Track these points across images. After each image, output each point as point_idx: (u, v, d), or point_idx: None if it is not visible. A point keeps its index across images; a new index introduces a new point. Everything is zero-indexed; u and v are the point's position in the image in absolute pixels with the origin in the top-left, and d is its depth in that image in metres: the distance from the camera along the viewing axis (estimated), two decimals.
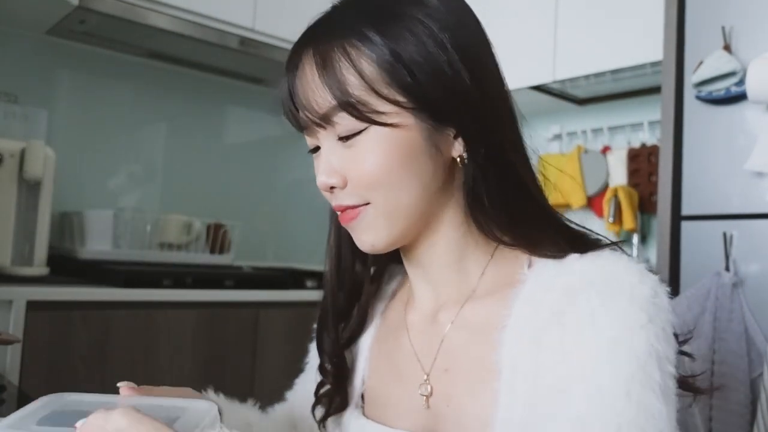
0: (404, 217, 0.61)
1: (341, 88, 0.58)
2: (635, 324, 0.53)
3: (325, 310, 0.74)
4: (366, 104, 0.58)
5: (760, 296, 1.39)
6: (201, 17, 2.04)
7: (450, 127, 0.61)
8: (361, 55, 0.59)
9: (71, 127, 2.18)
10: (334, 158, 0.62)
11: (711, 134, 1.51)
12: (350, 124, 0.59)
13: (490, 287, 0.64)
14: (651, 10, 1.89)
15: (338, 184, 0.62)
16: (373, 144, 0.59)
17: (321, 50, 0.60)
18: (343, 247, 0.72)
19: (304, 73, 0.61)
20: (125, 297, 1.64)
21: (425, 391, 0.65)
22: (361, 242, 0.64)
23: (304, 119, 0.62)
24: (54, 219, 1.94)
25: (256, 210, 2.58)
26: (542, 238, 0.62)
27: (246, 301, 1.86)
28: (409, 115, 0.59)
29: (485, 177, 0.61)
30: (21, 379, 1.46)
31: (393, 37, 0.58)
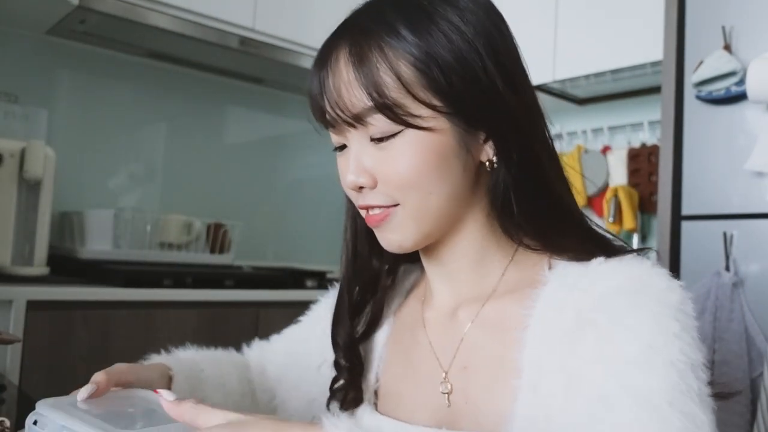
0: (433, 218, 0.62)
1: (378, 90, 0.58)
2: (669, 332, 0.52)
3: (340, 304, 0.74)
4: (402, 107, 0.58)
5: (760, 296, 1.39)
6: (201, 17, 2.04)
7: (481, 131, 0.61)
8: (398, 56, 0.58)
9: (71, 127, 2.18)
10: (365, 158, 0.61)
11: (711, 134, 1.51)
12: (385, 126, 0.59)
13: (511, 287, 0.64)
14: (651, 10, 1.89)
15: (368, 185, 0.62)
16: (407, 147, 0.59)
17: (357, 48, 0.59)
18: (359, 242, 0.72)
19: (339, 70, 0.60)
20: (125, 297, 1.64)
21: (445, 388, 0.65)
22: (389, 241, 0.64)
23: (334, 117, 0.61)
24: (54, 219, 1.94)
25: (256, 210, 2.58)
26: (566, 241, 0.63)
27: (246, 301, 1.86)
28: (444, 119, 0.59)
29: (514, 181, 0.61)
30: (21, 379, 1.46)
31: (429, 40, 0.58)
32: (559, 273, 0.61)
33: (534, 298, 0.60)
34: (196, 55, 2.27)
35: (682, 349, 0.51)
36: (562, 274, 0.61)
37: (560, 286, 0.60)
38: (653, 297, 0.54)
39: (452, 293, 0.68)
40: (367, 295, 0.74)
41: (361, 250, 0.72)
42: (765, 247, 1.41)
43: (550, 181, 0.63)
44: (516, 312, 0.61)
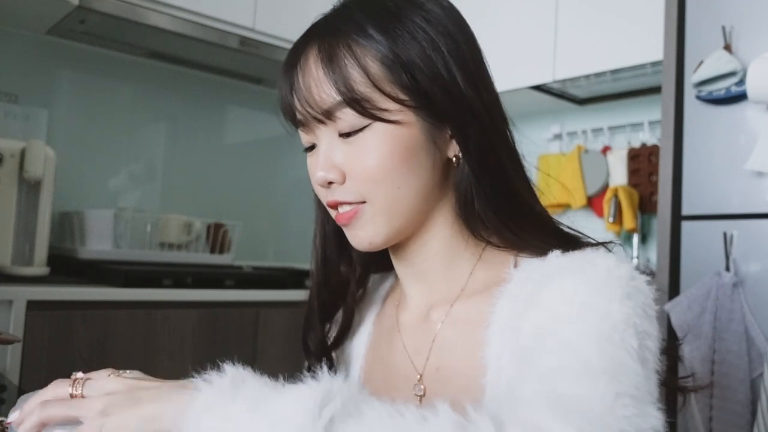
0: (402, 214, 0.62)
1: (346, 84, 0.59)
2: (612, 297, 0.53)
3: (310, 310, 0.75)
4: (370, 101, 0.59)
5: (760, 296, 1.39)
6: (201, 17, 2.04)
7: (446, 126, 0.63)
8: (366, 53, 0.60)
9: (71, 127, 2.18)
10: (334, 154, 0.62)
11: (711, 134, 1.51)
12: (353, 121, 0.60)
13: (479, 286, 0.65)
14: (651, 10, 1.89)
15: (337, 180, 0.62)
16: (376, 140, 0.60)
17: (326, 46, 0.61)
18: (328, 247, 0.74)
19: (308, 68, 0.62)
20: (125, 297, 1.64)
21: (419, 390, 0.65)
22: (359, 239, 0.64)
23: (304, 114, 0.63)
24: (54, 219, 1.94)
25: (256, 210, 2.58)
26: (531, 239, 0.63)
27: (246, 301, 1.86)
28: (411, 113, 0.61)
29: (477, 178, 0.62)
30: (21, 379, 1.46)
31: (395, 38, 0.60)
32: (522, 269, 0.62)
33: (497, 295, 0.62)
34: (196, 55, 2.27)
35: (625, 312, 0.52)
36: (524, 271, 0.62)
37: (519, 281, 0.61)
38: (599, 272, 0.55)
39: (424, 294, 0.69)
40: (336, 300, 0.75)
41: (330, 256, 0.74)
42: (765, 247, 1.41)
43: (510, 179, 0.64)
44: (481, 310, 0.62)
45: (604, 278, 0.55)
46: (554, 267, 0.59)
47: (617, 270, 0.56)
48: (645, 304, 0.55)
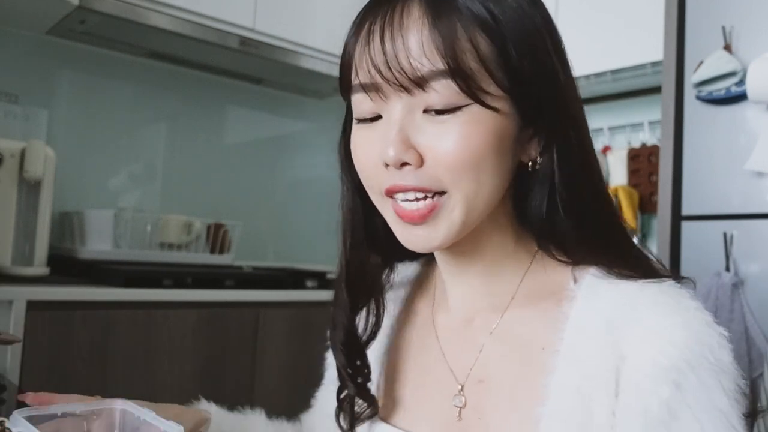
0: (479, 209, 0.55)
1: (455, 53, 0.51)
2: (723, 405, 0.51)
3: (338, 305, 0.67)
4: (475, 79, 0.52)
5: (760, 296, 1.39)
6: (201, 17, 2.04)
7: (531, 126, 0.56)
8: (475, 25, 0.52)
9: (71, 127, 2.18)
10: (413, 131, 0.53)
11: (711, 134, 1.51)
12: (451, 97, 0.52)
13: (530, 297, 0.60)
14: (651, 10, 1.89)
15: (414, 163, 0.53)
16: (471, 124, 0.52)
17: (436, 5, 0.52)
18: (357, 235, 0.65)
19: (410, 21, 0.52)
20: (125, 297, 1.64)
21: (459, 402, 0.60)
22: (427, 240, 0.56)
23: (388, 77, 0.52)
24: (54, 219, 1.94)
25: (256, 210, 2.58)
26: (599, 255, 0.57)
27: (246, 301, 1.86)
28: (509, 103, 0.54)
29: (560, 184, 0.56)
30: (21, 379, 1.45)
31: (503, 14, 0.53)
32: (587, 291, 0.56)
33: (562, 318, 0.56)
34: (196, 55, 2.27)
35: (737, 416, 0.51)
36: (591, 293, 0.56)
37: (590, 309, 0.55)
38: (708, 367, 0.51)
39: (468, 297, 0.63)
40: (366, 292, 0.67)
41: (360, 247, 0.65)
42: (765, 247, 1.41)
43: (598, 187, 0.58)
44: (542, 330, 0.57)
45: (716, 374, 0.50)
46: (640, 302, 0.53)
47: (720, 352, 0.51)
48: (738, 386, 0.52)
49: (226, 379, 1.79)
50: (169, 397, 0.69)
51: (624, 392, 0.51)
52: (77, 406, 0.54)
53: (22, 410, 0.50)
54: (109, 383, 1.58)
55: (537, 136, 0.57)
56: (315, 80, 2.47)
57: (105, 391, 1.47)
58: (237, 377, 1.81)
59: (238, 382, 1.81)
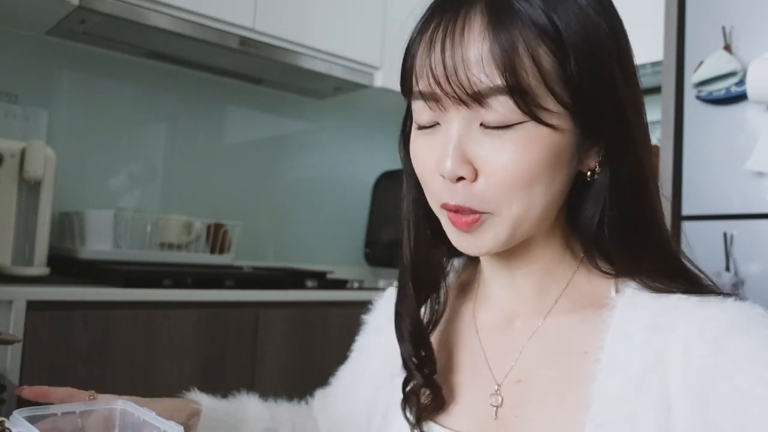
0: (528, 226, 0.56)
1: (514, 71, 0.50)
2: None
3: (403, 297, 0.67)
4: (534, 96, 0.51)
5: (760, 296, 1.39)
6: (201, 17, 2.04)
7: (592, 138, 0.56)
8: (538, 39, 0.51)
9: (71, 127, 2.18)
10: (470, 145, 0.53)
11: (711, 134, 1.51)
12: (508, 114, 0.51)
13: (572, 303, 0.61)
14: (651, 10, 1.89)
15: (469, 177, 0.53)
16: (526, 141, 0.52)
17: (496, 18, 0.51)
18: (422, 227, 0.65)
19: (471, 35, 0.51)
20: (125, 297, 1.64)
21: (495, 401, 0.61)
22: (474, 247, 0.57)
23: (446, 89, 0.52)
24: (54, 219, 1.94)
25: (256, 210, 2.58)
26: (638, 266, 0.57)
27: (246, 301, 1.86)
28: (569, 118, 0.53)
29: (615, 195, 0.56)
30: (21, 379, 1.45)
31: (568, 27, 0.52)
32: (628, 300, 0.56)
33: (602, 326, 0.56)
34: (196, 55, 2.27)
35: None
36: (632, 303, 0.56)
37: (631, 317, 0.55)
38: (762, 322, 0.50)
39: (511, 301, 0.64)
40: (430, 285, 0.67)
41: (424, 241, 0.65)
42: (765, 247, 1.41)
43: (652, 203, 0.58)
44: (582, 336, 0.58)
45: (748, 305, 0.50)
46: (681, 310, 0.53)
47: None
48: None
49: (226, 379, 1.79)
50: (169, 396, 0.69)
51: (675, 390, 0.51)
52: (77, 406, 0.54)
53: (22, 410, 0.50)
54: (109, 383, 1.58)
55: (597, 147, 0.57)
56: (315, 80, 2.47)
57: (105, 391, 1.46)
58: (237, 377, 1.81)
59: (238, 382, 1.81)
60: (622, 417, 0.52)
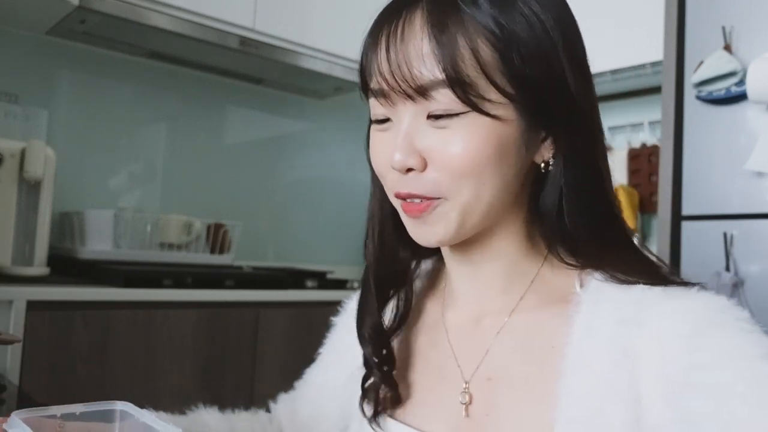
0: (479, 213, 0.57)
1: (454, 63, 0.52)
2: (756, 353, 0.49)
3: (366, 295, 0.68)
4: (474, 87, 0.53)
5: (760, 296, 1.39)
6: (201, 17, 2.04)
7: (542, 129, 0.57)
8: (479, 33, 0.53)
9: (71, 127, 2.18)
10: (417, 137, 0.55)
11: (711, 134, 1.51)
12: (449, 105, 0.53)
13: (539, 299, 0.61)
14: (651, 10, 1.89)
15: (417, 167, 0.55)
16: (469, 130, 0.54)
17: (437, 14, 0.53)
18: (386, 229, 0.67)
19: (412, 33, 0.54)
20: (125, 297, 1.64)
21: (464, 399, 0.61)
22: (427, 235, 0.58)
23: (392, 85, 0.55)
24: (54, 219, 1.94)
25: (256, 210, 2.58)
26: (606, 257, 0.58)
27: (246, 301, 1.86)
28: (513, 109, 0.55)
29: (569, 186, 0.57)
30: (21, 379, 1.46)
31: (510, 21, 0.54)
32: (593, 295, 0.57)
33: (568, 321, 0.57)
34: (196, 55, 2.27)
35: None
36: (596, 297, 0.57)
37: (596, 312, 0.56)
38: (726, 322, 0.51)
39: (478, 297, 0.64)
40: (393, 287, 0.68)
41: (387, 238, 0.67)
42: (765, 247, 1.41)
43: (605, 190, 0.59)
44: (547, 329, 0.58)
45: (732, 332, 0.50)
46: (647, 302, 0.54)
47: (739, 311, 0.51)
48: None
49: (226, 379, 1.79)
50: (169, 396, 0.69)
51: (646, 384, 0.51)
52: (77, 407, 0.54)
53: (20, 411, 0.50)
54: (109, 383, 1.58)
55: (550, 139, 0.58)
56: (315, 80, 2.47)
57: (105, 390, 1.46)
58: (237, 377, 1.81)
59: (238, 382, 1.81)
60: (592, 411, 0.52)
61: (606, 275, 0.58)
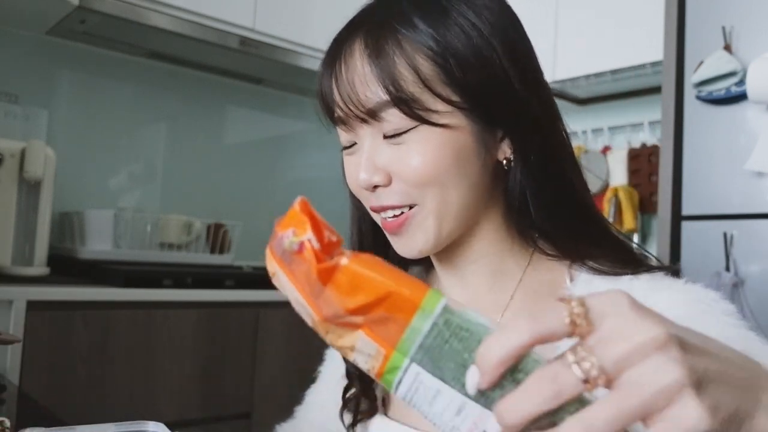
0: (452, 217, 0.59)
1: (395, 84, 0.56)
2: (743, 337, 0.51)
3: None
4: (419, 102, 0.56)
5: (760, 296, 1.39)
6: (201, 17, 2.04)
7: (498, 128, 0.60)
8: (416, 50, 0.56)
9: (71, 127, 2.18)
10: (378, 156, 0.59)
11: (711, 134, 1.51)
12: (399, 122, 0.57)
13: (530, 296, 0.62)
14: (651, 10, 1.89)
15: (382, 183, 0.59)
16: (423, 143, 0.57)
17: (373, 41, 0.57)
18: (365, 246, 0.70)
19: (353, 63, 0.58)
20: (125, 297, 1.64)
21: None
22: (408, 247, 0.61)
23: (346, 112, 0.59)
24: (54, 219, 1.94)
25: (256, 210, 2.58)
26: (586, 249, 0.60)
27: (246, 301, 1.86)
28: (461, 115, 0.57)
29: (531, 181, 0.59)
30: (21, 379, 1.45)
31: (446, 34, 0.57)
32: (583, 287, 0.58)
33: None
34: (196, 55, 2.27)
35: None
36: (587, 290, 0.57)
37: None
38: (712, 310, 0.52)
39: (467, 299, 0.65)
40: None
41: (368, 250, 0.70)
42: (765, 247, 1.41)
43: (569, 181, 0.61)
44: None
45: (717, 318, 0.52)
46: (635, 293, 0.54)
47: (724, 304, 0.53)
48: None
49: (226, 379, 1.79)
50: (169, 396, 0.69)
51: None
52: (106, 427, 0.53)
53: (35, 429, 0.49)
54: (109, 383, 1.58)
55: (507, 138, 0.60)
56: (315, 80, 2.47)
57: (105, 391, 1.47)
58: (237, 377, 1.81)
59: (238, 382, 1.81)
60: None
61: (594, 270, 0.59)
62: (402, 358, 0.32)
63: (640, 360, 0.28)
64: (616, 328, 0.29)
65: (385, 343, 0.32)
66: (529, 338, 0.30)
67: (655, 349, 0.28)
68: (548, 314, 0.31)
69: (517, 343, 0.30)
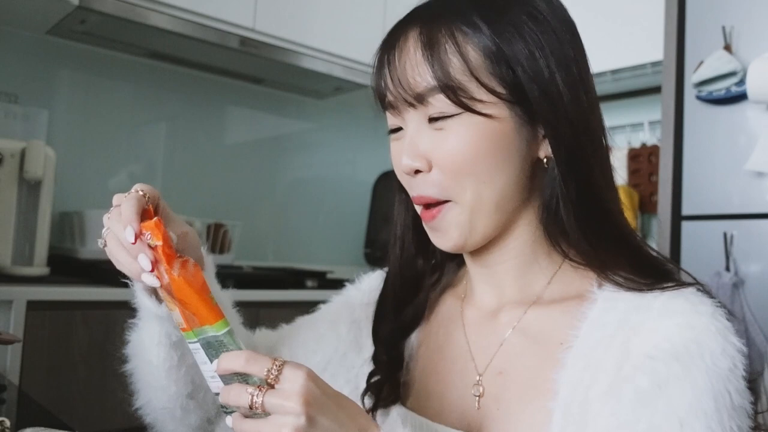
0: (488, 213, 0.61)
1: (443, 70, 0.58)
2: (708, 408, 0.51)
3: (385, 299, 0.74)
4: (465, 90, 0.58)
5: (761, 296, 1.39)
6: (201, 17, 2.03)
7: (540, 126, 0.61)
8: (468, 41, 0.59)
9: (71, 127, 2.18)
10: (420, 140, 0.61)
11: (711, 134, 1.51)
12: (444, 108, 0.59)
13: (557, 297, 0.63)
14: (651, 10, 1.89)
15: (423, 168, 0.61)
16: (464, 130, 0.59)
17: (427, 29, 0.60)
18: (407, 237, 0.72)
19: (407, 49, 0.61)
20: (125, 297, 1.63)
21: (477, 391, 0.64)
22: (444, 242, 0.63)
23: (395, 95, 0.61)
24: (54, 219, 1.94)
25: (256, 210, 2.58)
26: (613, 260, 0.60)
27: (246, 301, 1.85)
28: (505, 107, 0.59)
29: (564, 183, 0.59)
30: (21, 379, 1.45)
31: (500, 32, 0.59)
32: (609, 295, 0.60)
33: (580, 316, 0.59)
34: (196, 55, 2.27)
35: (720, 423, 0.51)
36: (612, 298, 0.59)
37: (609, 310, 0.58)
38: (704, 364, 0.53)
39: (495, 295, 0.67)
40: (412, 291, 0.73)
41: (408, 247, 0.72)
42: (765, 247, 1.41)
43: (598, 189, 0.61)
44: (561, 327, 0.60)
45: (705, 374, 0.52)
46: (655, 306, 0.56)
47: (721, 360, 0.53)
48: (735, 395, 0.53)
49: None
50: None
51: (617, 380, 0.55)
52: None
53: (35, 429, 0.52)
54: (109, 383, 1.58)
55: (547, 136, 0.61)
56: (315, 80, 2.47)
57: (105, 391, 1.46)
58: None
59: None
60: (584, 405, 0.55)
61: (624, 278, 0.60)
62: (193, 337, 0.57)
63: (281, 413, 0.47)
64: (285, 390, 0.48)
65: (187, 325, 0.57)
66: (239, 368, 0.50)
67: (292, 414, 0.47)
68: (259, 362, 0.49)
69: (232, 366, 0.50)
